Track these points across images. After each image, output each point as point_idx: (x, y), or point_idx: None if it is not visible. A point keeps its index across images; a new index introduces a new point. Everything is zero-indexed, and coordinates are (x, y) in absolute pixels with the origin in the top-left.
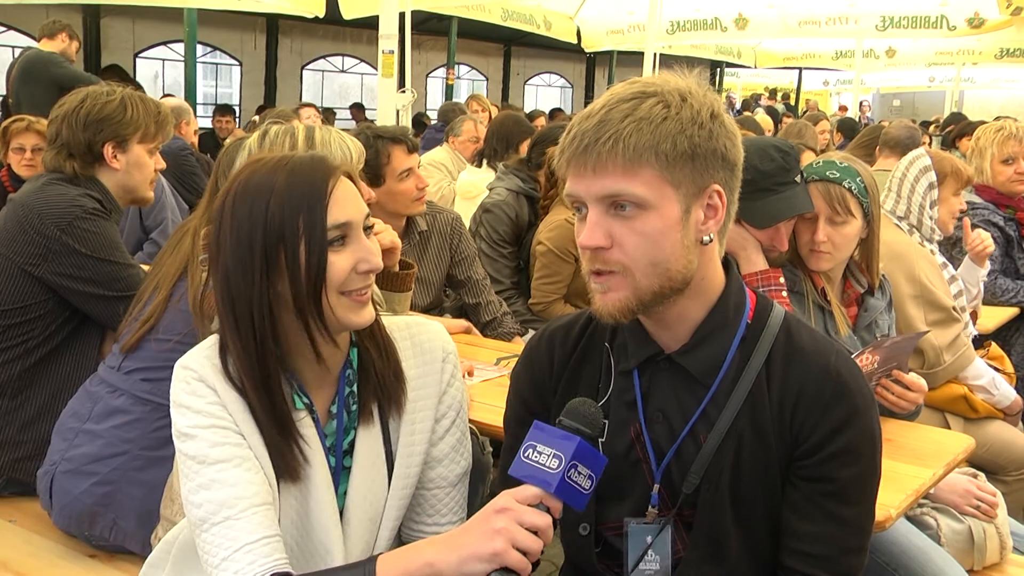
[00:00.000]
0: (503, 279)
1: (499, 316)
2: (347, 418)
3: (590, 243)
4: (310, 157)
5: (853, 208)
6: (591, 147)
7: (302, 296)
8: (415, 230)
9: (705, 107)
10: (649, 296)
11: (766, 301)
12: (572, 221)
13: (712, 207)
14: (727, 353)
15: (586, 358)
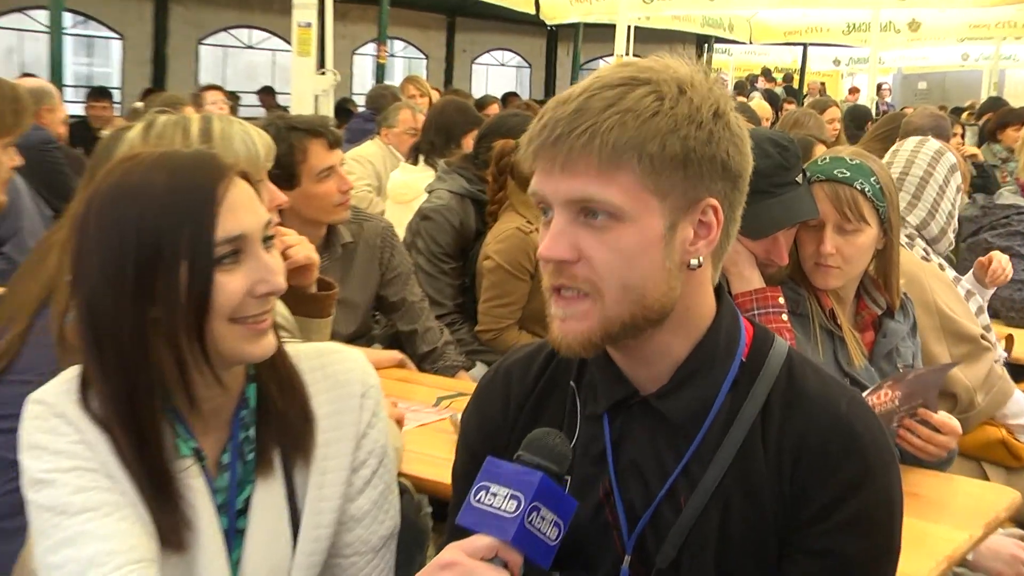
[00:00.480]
0: (445, 301)
1: (440, 346)
2: (242, 469)
3: (551, 254)
4: (197, 154)
5: (867, 214)
6: (563, 139)
7: (178, 326)
8: (337, 242)
9: (708, 103)
10: (618, 327)
11: (765, 334)
12: (525, 229)
13: (705, 225)
14: (715, 398)
15: (547, 399)
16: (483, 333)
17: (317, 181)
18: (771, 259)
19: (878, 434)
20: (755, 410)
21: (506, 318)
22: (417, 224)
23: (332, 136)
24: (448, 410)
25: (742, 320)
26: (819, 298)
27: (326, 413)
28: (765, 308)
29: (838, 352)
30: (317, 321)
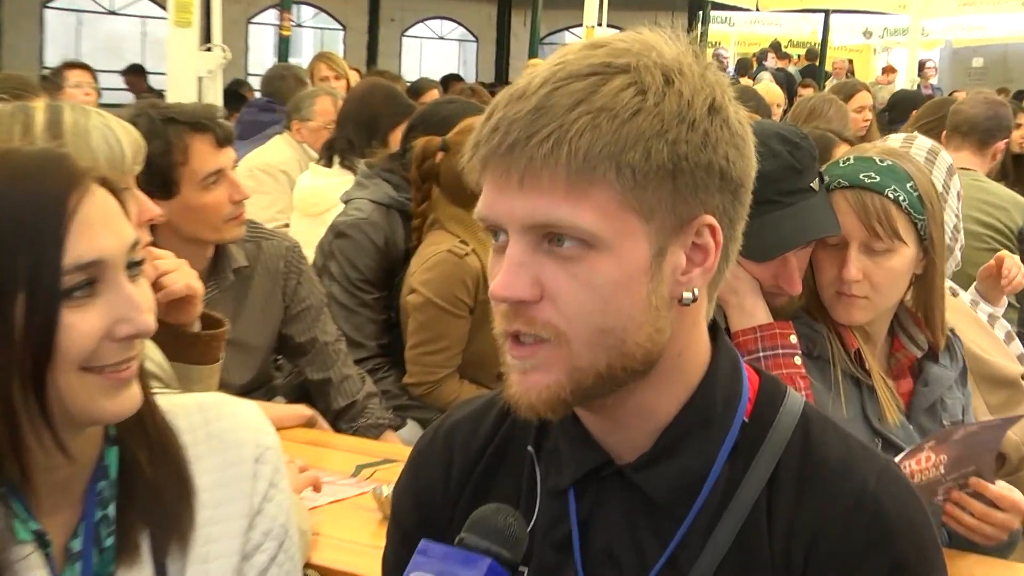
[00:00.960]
0: (366, 341)
1: (360, 399)
2: (98, 558)
3: (507, 293)
4: (41, 154)
5: (902, 229)
6: (520, 146)
7: (10, 376)
8: (228, 267)
9: (701, 95)
10: (591, 380)
11: (774, 387)
12: (459, 252)
13: (700, 248)
14: (709, 469)
15: (499, 468)
16: (414, 387)
17: (202, 189)
18: (780, 286)
19: (917, 517)
20: (759, 485)
21: (441, 366)
22: (330, 243)
23: (221, 131)
24: (371, 482)
25: (744, 367)
26: (842, 336)
27: (210, 483)
28: (773, 349)
29: (866, 405)
30: (201, 368)
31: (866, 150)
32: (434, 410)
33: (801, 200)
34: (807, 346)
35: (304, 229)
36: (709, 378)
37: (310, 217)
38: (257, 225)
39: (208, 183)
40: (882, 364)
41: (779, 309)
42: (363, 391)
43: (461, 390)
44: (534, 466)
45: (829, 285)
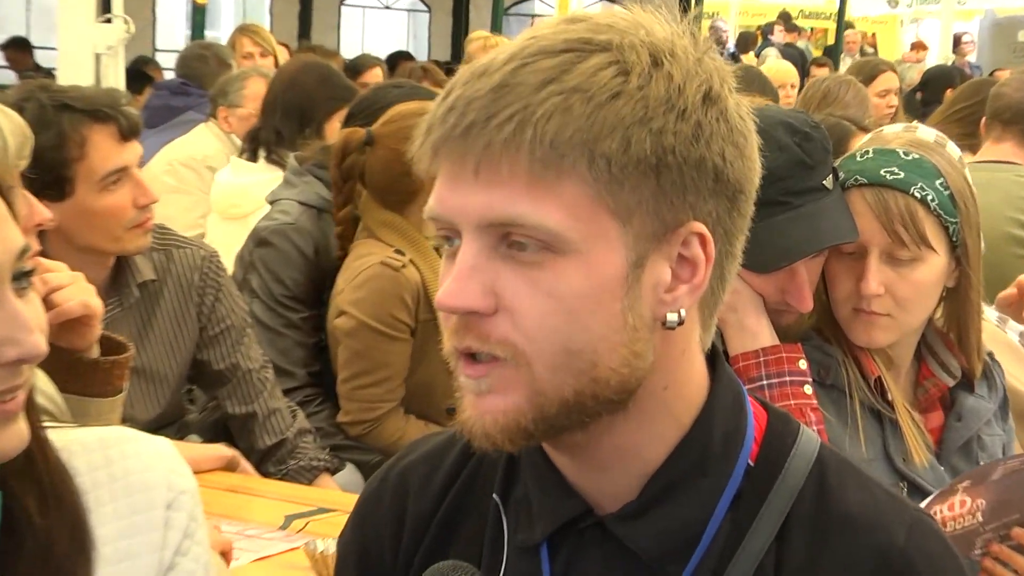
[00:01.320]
0: (293, 368)
1: (291, 437)
2: None
3: (456, 302)
4: None
5: (931, 234)
6: (477, 129)
7: None
8: (132, 281)
9: (695, 81)
10: (556, 408)
11: (784, 424)
12: (395, 264)
13: (687, 262)
14: (707, 522)
15: (460, 518)
16: (350, 426)
17: (101, 189)
18: (787, 303)
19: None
20: (766, 541)
21: (382, 401)
22: (251, 252)
23: (126, 121)
24: (302, 535)
25: (749, 402)
26: (860, 362)
27: (113, 534)
28: (779, 376)
29: (889, 443)
30: (100, 402)
31: (888, 140)
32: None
33: (812, 201)
34: (819, 373)
35: (223, 235)
36: (705, 416)
37: (231, 220)
38: (167, 231)
39: (109, 183)
40: (907, 394)
41: (786, 329)
42: (294, 428)
43: (406, 428)
44: (501, 516)
45: (845, 301)
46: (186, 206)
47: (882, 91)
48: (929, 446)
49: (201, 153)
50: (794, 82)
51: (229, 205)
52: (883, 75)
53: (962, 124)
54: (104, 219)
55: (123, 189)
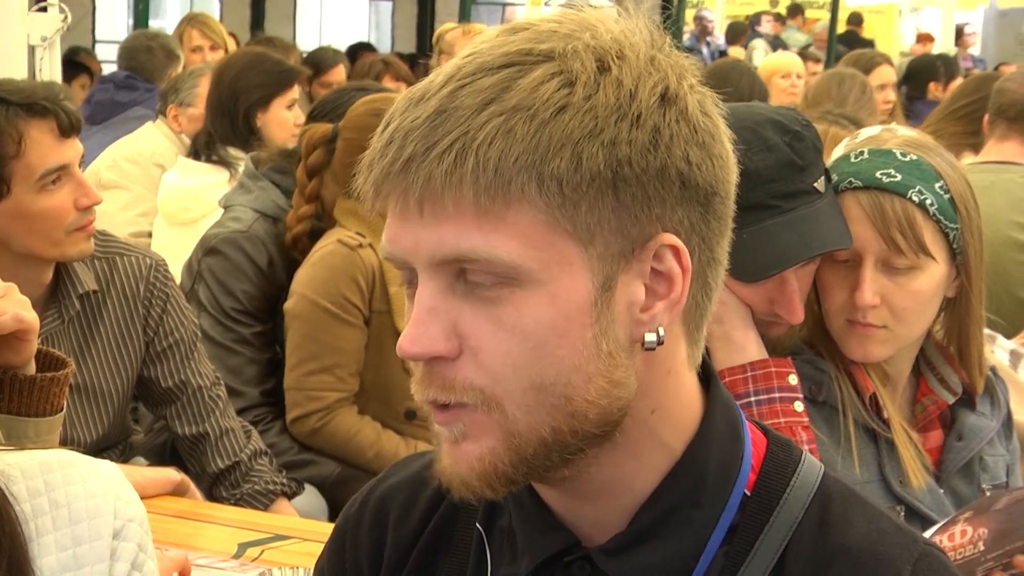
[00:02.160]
0: (244, 387)
1: (246, 459)
2: None
3: (417, 348)
4: None
5: (929, 241)
6: (417, 162)
7: None
8: (72, 291)
9: (649, 82)
10: (533, 448)
11: (786, 451)
12: (351, 243)
13: (663, 276)
14: (699, 556)
15: (443, 548)
16: (297, 423)
17: (39, 190)
18: (777, 314)
19: None
20: (763, 572)
21: (331, 390)
22: (199, 261)
23: (67, 117)
24: (258, 564)
25: (747, 426)
26: (854, 377)
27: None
28: (767, 392)
29: (885, 464)
30: (38, 422)
31: (883, 140)
32: (334, 463)
33: (803, 205)
34: (810, 389)
35: (171, 241)
36: (699, 441)
37: (179, 226)
38: (110, 237)
39: (47, 183)
40: (904, 413)
41: (776, 342)
42: (248, 449)
43: (361, 426)
44: (485, 547)
45: (838, 312)
46: (124, 203)
47: (878, 85)
48: (927, 467)
49: (149, 150)
50: (799, 71)
51: (178, 209)
52: (879, 68)
53: (964, 122)
54: (43, 222)
55: (63, 189)
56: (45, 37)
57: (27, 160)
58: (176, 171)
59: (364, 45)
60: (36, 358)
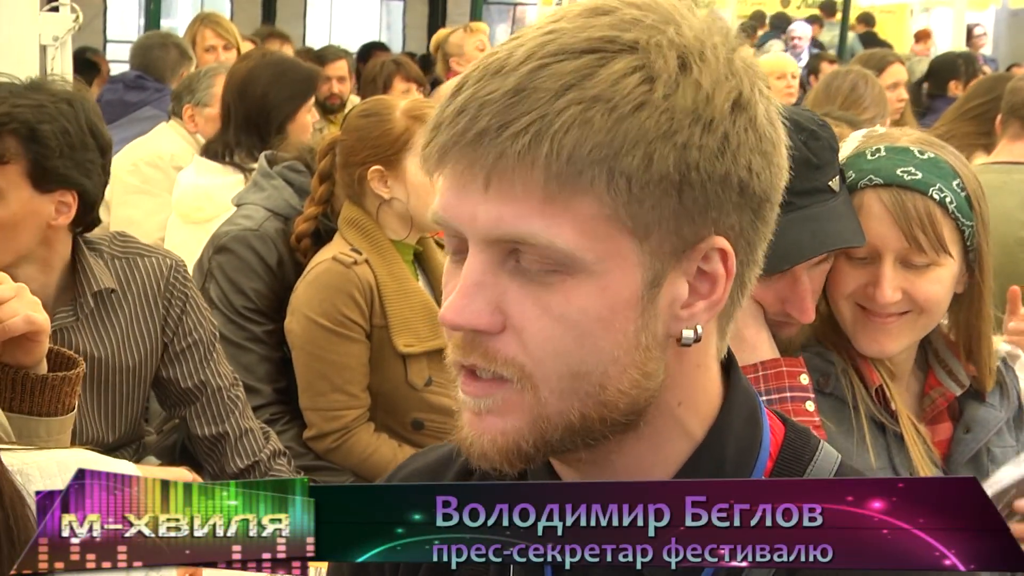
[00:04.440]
0: (259, 384)
1: (265, 459)
2: None
3: (460, 319)
4: None
5: (948, 239)
6: (490, 138)
7: None
8: (87, 289)
9: (725, 87)
10: (560, 432)
11: (803, 439)
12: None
13: (707, 277)
14: None
15: None
16: (317, 440)
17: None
18: (788, 313)
19: None
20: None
21: (346, 408)
22: (210, 259)
23: None
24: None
25: (766, 415)
26: (861, 370)
27: None
28: (779, 392)
29: (894, 455)
30: (49, 421)
31: (896, 138)
32: (348, 471)
33: (819, 202)
34: (818, 381)
35: (184, 240)
36: (718, 429)
37: (194, 225)
38: (130, 239)
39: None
40: (912, 407)
41: (787, 342)
42: (267, 449)
43: (378, 445)
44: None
45: (849, 298)
46: (151, 208)
47: (891, 84)
48: (935, 461)
49: (168, 152)
50: (794, 72)
51: (192, 209)
52: (891, 67)
53: (976, 122)
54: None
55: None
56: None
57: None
58: (192, 170)
59: (377, 45)
60: (48, 357)
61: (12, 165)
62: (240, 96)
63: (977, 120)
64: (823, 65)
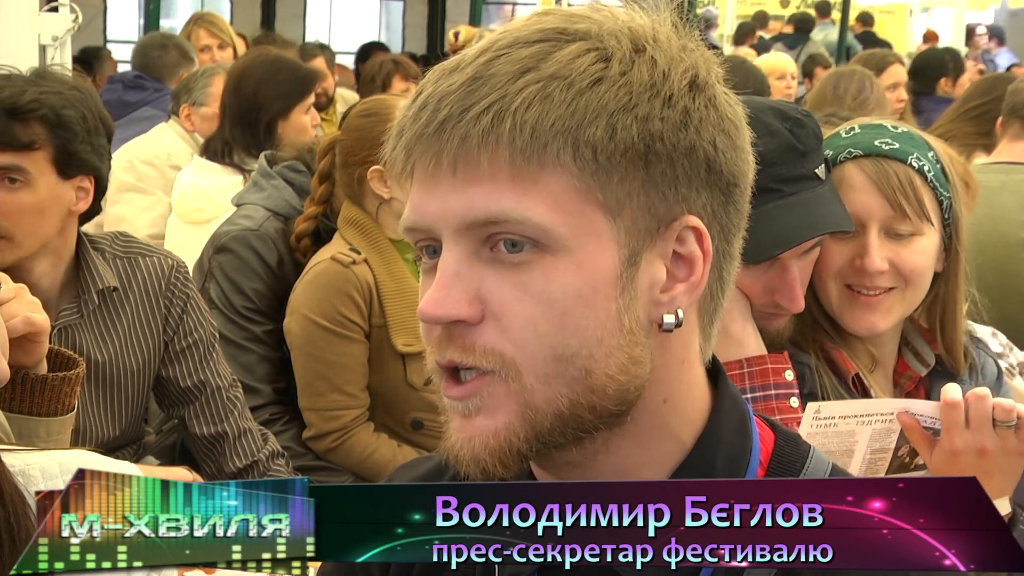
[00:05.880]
0: (258, 384)
1: (263, 460)
2: None
3: (439, 311)
4: None
5: (929, 208)
6: (452, 124)
7: None
8: (91, 288)
9: (680, 66)
10: (550, 421)
11: (793, 446)
12: (344, 259)
13: (684, 259)
14: None
15: None
16: (317, 440)
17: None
18: (777, 303)
19: None
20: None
21: (345, 408)
22: (210, 259)
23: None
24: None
25: (755, 422)
26: (835, 363)
27: None
28: (764, 389)
29: None
30: (50, 421)
31: (878, 117)
32: (347, 471)
33: (806, 189)
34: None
35: (184, 240)
36: (707, 436)
37: (194, 225)
38: (131, 239)
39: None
40: (887, 391)
41: (775, 334)
42: (266, 450)
43: (377, 445)
44: None
45: (836, 277)
46: (143, 205)
47: (891, 84)
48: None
49: (164, 151)
50: (792, 72)
51: (192, 209)
52: (892, 67)
53: (977, 123)
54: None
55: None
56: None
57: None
58: (191, 170)
59: (376, 45)
60: (48, 357)
61: (40, 151)
62: (234, 92)
63: (977, 120)
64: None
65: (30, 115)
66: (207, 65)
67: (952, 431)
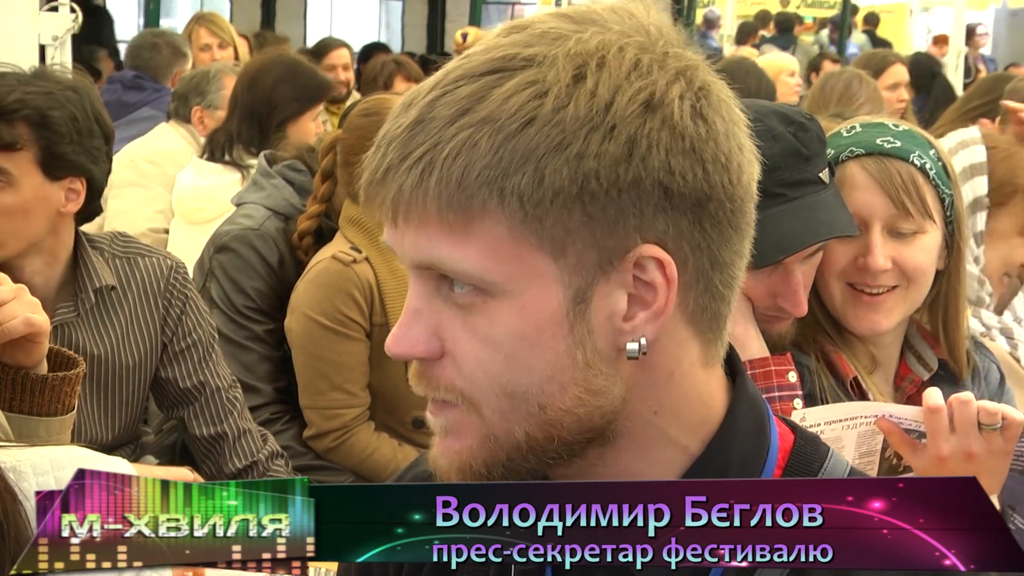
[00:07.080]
0: (259, 384)
1: (263, 460)
2: None
3: (399, 348)
4: None
5: (932, 205)
6: (392, 173)
7: None
8: (89, 286)
9: (629, 90)
10: (508, 451)
11: (813, 447)
12: (345, 258)
13: (648, 286)
14: None
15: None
16: (317, 439)
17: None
18: (780, 306)
19: None
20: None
21: (346, 407)
22: (210, 259)
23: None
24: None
25: (775, 423)
26: (834, 365)
27: None
28: (767, 391)
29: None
30: (49, 421)
31: (870, 118)
32: (348, 471)
33: (810, 193)
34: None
35: (187, 240)
36: (720, 440)
37: (195, 225)
38: (130, 238)
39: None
40: (888, 396)
41: (777, 337)
42: (265, 450)
43: (378, 444)
44: None
45: (839, 277)
46: (143, 200)
47: (891, 84)
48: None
49: (167, 151)
50: (793, 70)
51: (193, 209)
52: (892, 68)
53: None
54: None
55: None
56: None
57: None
58: (191, 171)
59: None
60: (48, 357)
61: (24, 152)
62: (249, 87)
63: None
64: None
65: (13, 115)
66: (215, 65)
67: (938, 436)
